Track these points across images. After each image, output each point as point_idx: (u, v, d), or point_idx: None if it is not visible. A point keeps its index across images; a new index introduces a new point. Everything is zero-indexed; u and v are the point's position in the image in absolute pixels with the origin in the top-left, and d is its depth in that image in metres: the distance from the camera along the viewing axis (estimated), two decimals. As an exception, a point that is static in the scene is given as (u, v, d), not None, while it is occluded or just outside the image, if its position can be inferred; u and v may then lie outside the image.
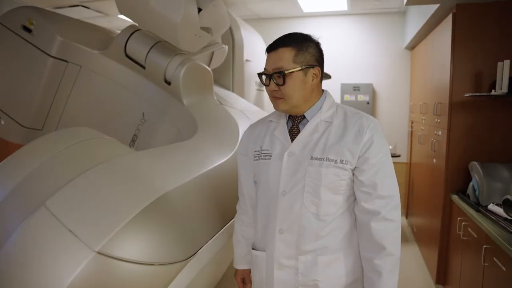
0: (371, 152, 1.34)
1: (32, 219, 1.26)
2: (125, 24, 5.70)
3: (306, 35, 1.44)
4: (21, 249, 1.24)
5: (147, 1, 2.37)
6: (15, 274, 1.21)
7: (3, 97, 3.06)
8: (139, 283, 1.29)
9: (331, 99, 1.47)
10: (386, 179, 1.36)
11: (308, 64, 1.38)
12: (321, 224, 1.36)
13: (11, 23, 2.93)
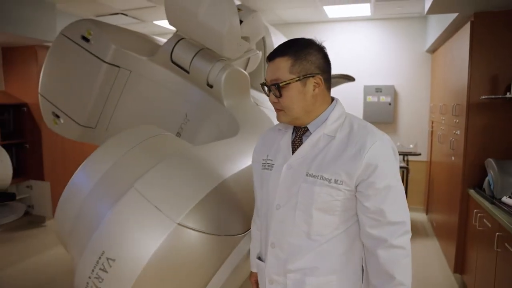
0: (377, 177, 1.22)
1: (124, 198, 1.59)
2: (158, 29, 6.12)
3: (306, 41, 1.33)
4: (116, 224, 1.57)
5: (196, 15, 2.69)
6: (112, 245, 1.54)
7: (64, 98, 3.44)
8: (208, 250, 1.62)
9: (339, 110, 1.35)
10: (395, 204, 1.25)
11: (307, 73, 1.28)
12: (313, 244, 1.29)
13: (72, 34, 3.30)
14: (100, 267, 1.52)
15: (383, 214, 1.23)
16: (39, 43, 4.95)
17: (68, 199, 1.88)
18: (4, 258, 4.14)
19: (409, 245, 1.27)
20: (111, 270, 1.50)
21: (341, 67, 5.75)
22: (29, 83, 5.15)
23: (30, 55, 5.08)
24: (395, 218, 1.24)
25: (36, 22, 4.54)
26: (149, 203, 1.56)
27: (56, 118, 3.53)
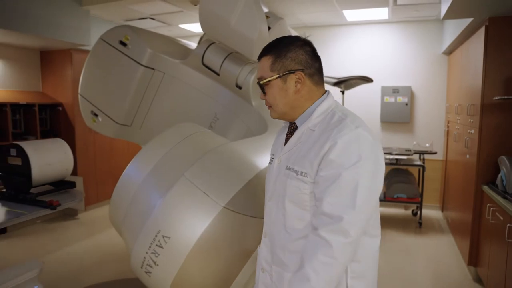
0: (327, 165, 1.19)
1: (176, 186, 1.84)
2: (183, 32, 6.41)
3: (288, 39, 1.34)
4: (171, 207, 1.81)
5: (228, 22, 2.93)
6: (167, 224, 1.79)
7: (102, 98, 3.71)
8: (248, 231, 1.86)
9: (327, 104, 1.33)
10: (337, 196, 1.17)
11: (286, 70, 1.29)
12: (288, 237, 1.29)
13: (111, 39, 3.58)
14: (157, 243, 1.77)
15: (321, 203, 1.19)
16: (74, 47, 5.27)
17: (122, 189, 2.13)
18: (41, 248, 4.45)
19: (340, 247, 1.14)
20: (167, 246, 1.75)
21: (359, 68, 5.96)
22: (64, 84, 5.48)
23: (65, 58, 5.41)
24: (330, 210, 1.16)
25: (72, 28, 4.85)
26: (198, 189, 1.80)
27: (94, 116, 3.80)
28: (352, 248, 1.17)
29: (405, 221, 5.40)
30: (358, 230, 1.17)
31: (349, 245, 1.15)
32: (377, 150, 1.24)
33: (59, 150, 2.66)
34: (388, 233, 4.92)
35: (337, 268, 1.15)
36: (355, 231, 1.15)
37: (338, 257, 1.14)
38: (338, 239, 1.14)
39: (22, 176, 2.27)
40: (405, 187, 5.19)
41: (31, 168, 2.25)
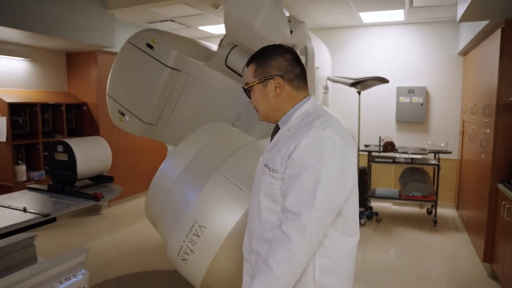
0: (291, 164, 1.27)
1: (211, 180, 2.00)
2: (202, 34, 6.58)
3: (270, 48, 1.44)
4: (207, 199, 1.97)
5: (252, 26, 3.08)
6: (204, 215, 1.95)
7: (129, 98, 3.89)
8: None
9: (306, 107, 1.41)
10: (298, 194, 1.24)
11: (266, 76, 1.39)
12: (263, 228, 1.36)
13: (138, 42, 3.76)
14: (194, 232, 1.93)
15: (285, 199, 1.27)
16: (99, 48, 5.48)
17: (158, 185, 2.29)
18: (67, 241, 4.66)
19: (298, 241, 1.21)
20: (203, 235, 1.91)
21: (375, 69, 6.06)
22: (89, 85, 5.70)
23: (90, 59, 5.62)
24: (292, 207, 1.24)
25: (97, 30, 5.05)
26: (232, 183, 1.96)
27: (121, 116, 3.98)
28: (310, 244, 1.23)
29: (420, 220, 5.49)
30: (317, 227, 1.22)
31: (307, 241, 1.22)
32: (344, 151, 1.28)
33: (99, 146, 2.85)
34: (403, 230, 5.02)
35: (296, 261, 1.22)
36: (313, 228, 1.21)
37: (296, 251, 1.21)
38: (297, 235, 1.21)
39: (68, 170, 2.45)
40: (420, 185, 5.28)
41: (77, 162, 2.44)
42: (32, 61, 5.37)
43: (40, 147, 5.07)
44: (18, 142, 4.87)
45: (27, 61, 5.30)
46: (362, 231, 5.00)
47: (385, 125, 6.21)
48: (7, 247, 2.15)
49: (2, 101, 4.65)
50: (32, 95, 5.19)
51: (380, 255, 4.34)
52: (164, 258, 4.13)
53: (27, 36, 4.53)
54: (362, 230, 5.04)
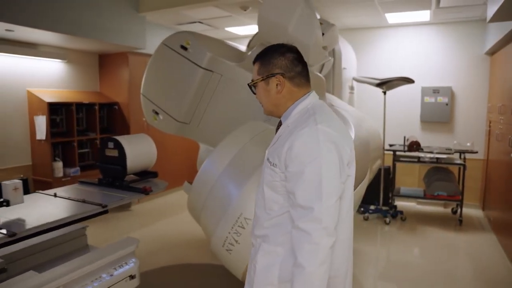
0: (292, 161, 1.35)
1: (255, 176, 2.12)
2: (228, 35, 6.72)
3: (273, 47, 1.54)
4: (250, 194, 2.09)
5: (286, 29, 3.19)
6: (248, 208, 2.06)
7: (163, 98, 4.03)
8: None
9: (306, 103, 1.49)
10: (305, 190, 1.33)
11: (268, 74, 1.48)
12: (267, 216, 1.47)
13: (172, 44, 3.90)
14: (239, 224, 2.05)
15: (294, 196, 1.34)
16: (130, 50, 5.67)
17: (201, 181, 2.43)
18: (98, 236, 4.83)
19: (317, 233, 1.28)
20: (248, 227, 2.03)
21: (400, 69, 6.10)
22: (121, 85, 5.90)
23: (122, 60, 5.82)
24: (303, 202, 1.32)
25: (129, 32, 5.24)
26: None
27: (155, 115, 4.12)
28: (328, 232, 1.30)
29: (445, 219, 5.51)
30: (330, 215, 1.31)
31: (324, 229, 1.29)
32: (339, 142, 1.37)
33: (146, 143, 3.00)
34: (428, 229, 5.06)
35: (322, 251, 1.29)
36: (327, 217, 1.30)
37: (319, 242, 1.28)
38: (314, 228, 1.29)
39: (119, 165, 2.61)
40: (445, 185, 5.30)
41: (126, 158, 2.59)
42: (68, 62, 5.59)
43: (75, 144, 5.29)
44: (56, 140, 5.09)
45: (63, 62, 5.53)
46: (387, 230, 5.06)
47: (409, 125, 6.24)
48: (63, 236, 2.32)
49: (42, 101, 4.87)
50: (67, 95, 5.41)
51: (406, 253, 4.39)
52: (196, 251, 4.30)
53: (63, 38, 4.73)
54: (387, 229, 5.10)
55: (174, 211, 5.91)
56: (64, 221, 1.99)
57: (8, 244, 1.73)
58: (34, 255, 2.13)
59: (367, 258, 4.23)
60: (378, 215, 5.55)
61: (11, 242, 1.73)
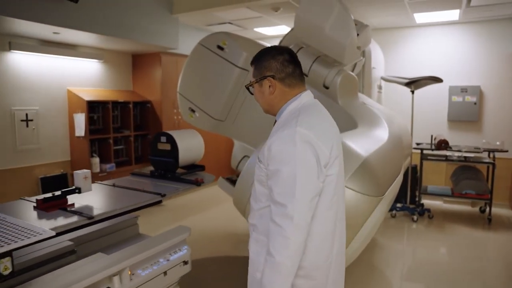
0: (269, 160, 1.46)
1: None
2: (257, 35, 6.87)
3: (265, 50, 1.62)
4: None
5: (323, 29, 3.30)
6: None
7: (199, 96, 4.19)
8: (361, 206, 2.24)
9: (295, 104, 1.56)
10: (281, 188, 1.41)
11: (260, 76, 1.57)
12: (256, 206, 1.57)
13: (209, 44, 4.05)
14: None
15: (272, 193, 1.44)
16: (163, 50, 5.87)
17: (247, 177, 2.55)
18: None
19: (289, 228, 1.37)
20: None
21: (427, 68, 6.14)
22: (153, 84, 6.11)
23: (155, 60, 6.03)
24: (278, 198, 1.41)
25: (162, 33, 5.43)
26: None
27: (192, 112, 4.29)
28: (300, 227, 1.38)
29: (473, 218, 5.52)
30: (302, 213, 1.39)
31: (296, 226, 1.37)
32: (316, 143, 1.43)
33: (195, 138, 3.16)
34: (456, 227, 5.09)
35: (292, 245, 1.38)
36: (299, 214, 1.37)
37: (290, 236, 1.37)
38: (287, 223, 1.37)
39: (171, 158, 2.78)
40: (474, 183, 5.32)
41: (179, 151, 2.76)
42: (104, 62, 5.83)
43: (111, 141, 5.51)
44: (93, 137, 5.32)
45: (100, 62, 5.76)
46: (414, 227, 5.13)
47: (436, 124, 6.27)
48: (120, 224, 2.49)
49: (81, 99, 5.10)
50: (103, 93, 5.64)
51: (434, 251, 4.44)
52: (232, 244, 4.44)
53: (101, 39, 4.95)
54: (414, 226, 5.17)
55: (205, 206, 6.08)
56: (131, 207, 2.16)
57: (87, 225, 1.90)
58: (96, 240, 2.31)
59: (395, 254, 4.31)
60: (405, 213, 5.61)
61: (88, 224, 1.91)
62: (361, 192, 2.22)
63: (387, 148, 2.80)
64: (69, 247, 2.04)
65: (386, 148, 2.80)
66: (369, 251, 4.20)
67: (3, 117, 4.62)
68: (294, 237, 1.38)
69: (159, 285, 2.09)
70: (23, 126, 4.83)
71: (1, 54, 4.56)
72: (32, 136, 4.94)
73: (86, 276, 1.71)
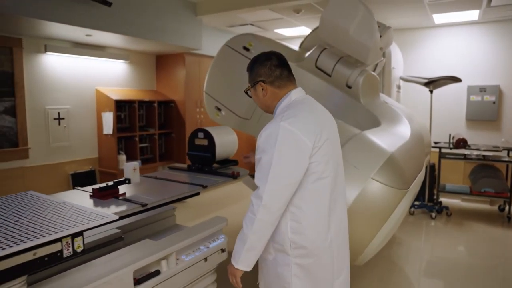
0: (257, 149, 1.69)
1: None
2: (276, 36, 7.03)
3: (255, 58, 1.83)
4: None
5: (347, 31, 3.44)
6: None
7: (226, 95, 4.35)
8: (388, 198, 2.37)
9: (286, 103, 1.76)
10: (259, 172, 1.62)
11: (253, 81, 1.81)
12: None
13: (235, 45, 4.21)
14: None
15: (255, 176, 1.65)
16: (187, 50, 6.06)
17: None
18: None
19: (256, 207, 1.57)
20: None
21: (445, 68, 6.22)
22: (177, 84, 6.30)
23: (178, 61, 6.22)
24: (256, 181, 1.63)
25: (187, 34, 5.61)
26: (350, 164, 2.34)
27: (218, 111, 4.45)
28: (267, 209, 1.57)
29: (492, 216, 5.58)
30: (271, 196, 1.56)
31: (263, 207, 1.56)
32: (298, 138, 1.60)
33: (229, 135, 3.33)
34: (474, 225, 5.16)
35: (257, 222, 1.58)
36: (268, 197, 1.55)
37: (257, 215, 1.57)
38: (256, 202, 1.58)
39: (208, 153, 2.96)
40: (493, 182, 5.38)
41: (216, 146, 2.93)
42: (129, 63, 6.04)
43: (136, 139, 5.72)
44: (120, 135, 5.53)
45: (126, 63, 5.98)
46: (433, 224, 5.21)
47: (454, 123, 6.33)
48: (159, 214, 2.67)
49: (110, 98, 5.32)
50: (129, 93, 5.85)
51: (452, 247, 4.52)
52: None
53: (127, 40, 5.14)
54: (433, 223, 5.25)
55: (227, 203, 6.25)
56: (177, 196, 2.35)
57: (141, 212, 2.08)
58: (139, 229, 2.49)
59: (413, 251, 4.40)
60: (423, 210, 5.70)
61: (142, 211, 2.09)
62: (388, 185, 2.35)
63: (410, 144, 2.93)
64: (117, 234, 2.22)
65: (409, 144, 2.93)
66: (389, 247, 4.32)
67: (39, 116, 4.86)
68: (260, 216, 1.57)
69: (200, 270, 2.26)
70: (55, 125, 5.06)
71: (38, 56, 4.80)
72: (63, 134, 5.17)
73: (140, 258, 1.88)
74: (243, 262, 1.65)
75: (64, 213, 1.75)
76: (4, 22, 3.89)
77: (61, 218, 1.68)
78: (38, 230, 1.52)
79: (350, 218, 2.32)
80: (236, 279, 1.71)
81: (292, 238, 1.66)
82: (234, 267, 1.67)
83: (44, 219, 1.68)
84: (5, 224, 1.62)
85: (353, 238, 2.41)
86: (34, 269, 1.44)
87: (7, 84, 4.51)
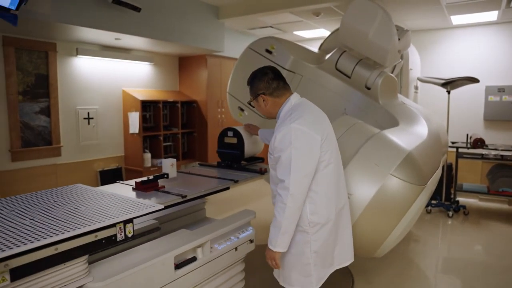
0: (274, 150, 1.96)
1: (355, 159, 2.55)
2: (295, 38, 7.20)
3: (253, 74, 2.13)
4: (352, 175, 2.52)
5: (367, 35, 3.58)
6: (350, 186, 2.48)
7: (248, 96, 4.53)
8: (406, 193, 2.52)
9: (286, 108, 2.04)
10: (281, 168, 1.89)
11: (254, 94, 2.11)
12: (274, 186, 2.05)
13: (258, 48, 4.39)
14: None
15: (277, 173, 1.94)
16: (209, 53, 6.26)
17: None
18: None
19: (285, 197, 1.85)
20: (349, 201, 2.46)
21: (463, 68, 6.28)
22: (199, 85, 6.52)
23: (201, 62, 6.44)
24: (280, 176, 1.90)
25: (210, 37, 5.81)
26: (371, 161, 2.50)
27: (241, 111, 4.62)
28: (294, 197, 1.85)
29: (509, 216, 5.61)
30: (295, 186, 1.85)
31: (291, 196, 1.84)
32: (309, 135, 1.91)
33: None
34: (491, 224, 5.23)
35: (288, 209, 1.85)
36: (293, 187, 1.84)
37: (286, 203, 1.85)
38: (284, 193, 1.86)
39: (237, 150, 3.16)
40: (511, 181, 5.44)
41: (245, 144, 3.13)
42: (154, 64, 6.28)
43: (161, 138, 5.95)
44: (146, 134, 5.76)
45: (150, 64, 6.22)
46: (450, 223, 5.30)
47: (472, 123, 6.39)
48: (192, 207, 2.87)
49: (136, 99, 5.56)
50: (154, 93, 6.09)
51: (470, 246, 4.60)
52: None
53: (153, 43, 5.36)
54: (450, 222, 5.34)
55: (248, 200, 6.42)
56: (213, 189, 2.55)
57: (181, 203, 2.29)
58: (173, 220, 2.69)
59: (430, 248, 4.50)
60: (440, 209, 5.79)
61: (182, 202, 2.29)
62: (406, 181, 2.50)
63: (427, 143, 3.07)
64: (155, 224, 2.42)
65: (427, 143, 3.06)
66: (406, 244, 4.43)
67: (70, 115, 5.12)
68: (289, 204, 1.85)
69: (231, 259, 2.44)
70: (85, 124, 5.32)
71: (70, 59, 5.07)
72: (92, 133, 5.43)
73: (179, 245, 2.08)
74: (280, 245, 1.92)
75: (114, 203, 1.95)
76: (41, 28, 4.15)
77: (112, 207, 1.89)
78: (97, 216, 1.72)
79: (370, 212, 2.49)
80: (276, 261, 1.97)
81: (311, 218, 1.98)
82: (273, 250, 1.94)
83: (98, 207, 1.88)
84: (65, 210, 1.83)
85: (373, 231, 2.58)
86: (94, 249, 1.64)
87: (42, 86, 4.78)
